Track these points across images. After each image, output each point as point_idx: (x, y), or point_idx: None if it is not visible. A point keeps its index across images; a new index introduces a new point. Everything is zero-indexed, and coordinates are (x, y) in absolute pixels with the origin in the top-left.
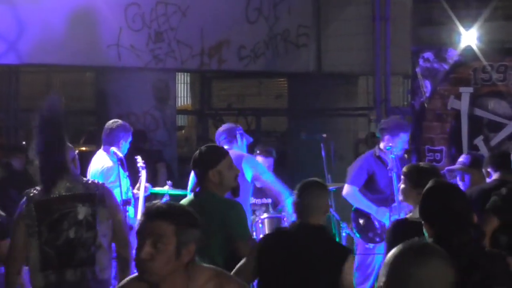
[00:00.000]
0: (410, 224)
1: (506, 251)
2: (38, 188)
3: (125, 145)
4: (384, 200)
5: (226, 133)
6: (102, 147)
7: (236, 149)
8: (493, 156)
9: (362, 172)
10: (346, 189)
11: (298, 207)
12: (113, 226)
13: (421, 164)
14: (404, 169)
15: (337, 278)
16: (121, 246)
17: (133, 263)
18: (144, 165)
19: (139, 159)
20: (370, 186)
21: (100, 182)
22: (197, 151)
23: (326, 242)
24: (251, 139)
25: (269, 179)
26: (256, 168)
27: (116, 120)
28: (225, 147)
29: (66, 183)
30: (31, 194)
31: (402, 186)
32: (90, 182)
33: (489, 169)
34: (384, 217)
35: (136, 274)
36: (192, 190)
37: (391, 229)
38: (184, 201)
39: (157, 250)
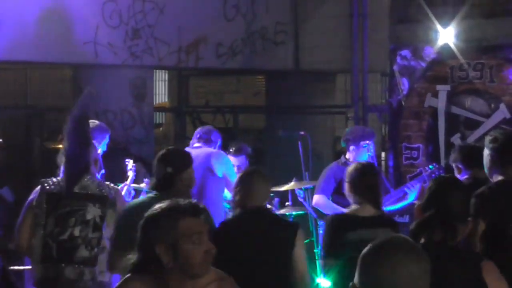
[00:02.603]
0: (346, 218)
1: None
2: (55, 179)
3: (97, 146)
4: None
5: (206, 134)
6: None
7: None
8: (464, 153)
9: (329, 180)
10: (315, 199)
11: (241, 193)
12: None
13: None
14: None
15: (290, 255)
16: None
17: None
18: (133, 168)
19: (130, 162)
20: (341, 193)
21: (116, 186)
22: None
23: (274, 221)
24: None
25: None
26: (226, 165)
27: (93, 121)
28: (198, 144)
29: (82, 181)
30: (46, 185)
31: None
32: (105, 184)
33: (460, 165)
34: None
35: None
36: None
37: (328, 222)
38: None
39: None
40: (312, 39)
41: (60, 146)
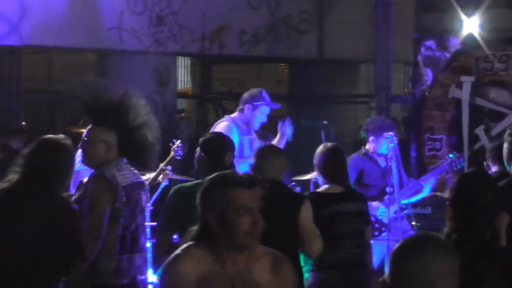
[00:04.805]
0: (320, 197)
1: None
2: (120, 171)
3: None
4: (377, 195)
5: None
6: None
7: None
8: (492, 149)
9: (351, 171)
10: None
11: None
12: None
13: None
14: None
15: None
16: None
17: None
18: (179, 151)
19: (177, 142)
20: (361, 184)
21: None
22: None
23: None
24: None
25: None
26: None
27: None
28: None
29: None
30: (118, 177)
31: None
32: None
33: (489, 163)
34: (378, 211)
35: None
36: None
37: None
38: None
39: None
40: (336, 28)
41: (82, 130)
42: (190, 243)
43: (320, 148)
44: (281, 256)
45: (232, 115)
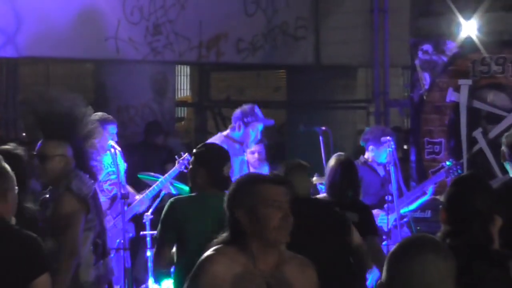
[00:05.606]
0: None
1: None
2: (82, 182)
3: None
4: (376, 203)
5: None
6: None
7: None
8: None
9: None
10: None
11: None
12: None
13: None
14: None
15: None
16: None
17: None
18: (185, 163)
19: (185, 155)
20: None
21: None
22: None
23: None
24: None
25: None
26: None
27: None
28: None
29: (87, 177)
30: (84, 189)
31: None
32: None
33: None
34: (378, 219)
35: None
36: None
37: None
38: None
39: None
40: (333, 34)
41: None
42: (220, 245)
43: (331, 161)
44: (306, 260)
45: (224, 133)
